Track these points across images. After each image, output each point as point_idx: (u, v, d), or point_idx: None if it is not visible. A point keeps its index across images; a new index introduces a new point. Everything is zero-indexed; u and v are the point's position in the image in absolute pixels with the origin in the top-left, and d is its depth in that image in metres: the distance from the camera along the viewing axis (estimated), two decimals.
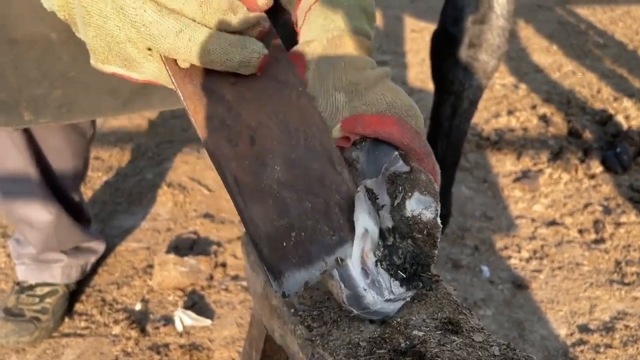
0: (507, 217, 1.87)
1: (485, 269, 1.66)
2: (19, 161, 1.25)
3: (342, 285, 0.51)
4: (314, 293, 0.58)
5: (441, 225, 0.52)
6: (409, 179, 0.52)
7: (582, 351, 1.41)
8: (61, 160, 1.32)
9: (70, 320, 1.46)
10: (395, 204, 0.52)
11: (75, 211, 1.43)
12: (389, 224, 0.53)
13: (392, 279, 0.52)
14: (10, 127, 1.22)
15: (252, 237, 0.47)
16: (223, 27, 0.47)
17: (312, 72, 0.58)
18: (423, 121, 0.58)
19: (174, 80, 0.47)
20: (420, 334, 0.51)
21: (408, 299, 0.54)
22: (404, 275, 0.52)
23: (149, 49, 0.47)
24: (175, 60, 0.48)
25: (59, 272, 1.44)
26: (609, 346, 1.43)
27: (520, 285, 1.61)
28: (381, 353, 0.49)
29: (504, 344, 0.51)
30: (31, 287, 1.44)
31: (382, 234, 0.52)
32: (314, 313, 0.55)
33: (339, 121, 0.56)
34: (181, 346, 1.38)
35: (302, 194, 0.51)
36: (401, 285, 0.52)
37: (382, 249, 0.52)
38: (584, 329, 1.48)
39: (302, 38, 0.63)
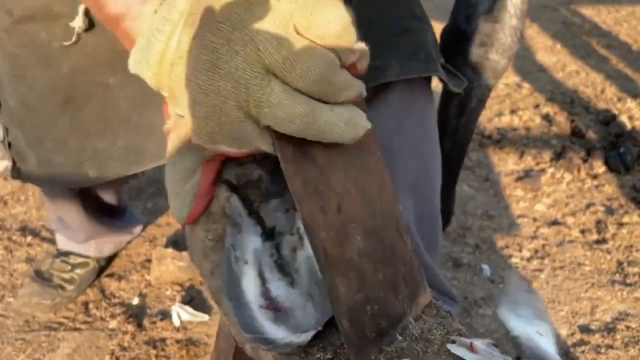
0: (509, 216, 1.86)
1: (486, 267, 1.65)
2: None
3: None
4: None
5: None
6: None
7: (583, 352, 1.40)
8: None
9: (66, 313, 1.45)
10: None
11: (104, 207, 1.46)
12: None
13: None
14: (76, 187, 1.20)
15: (336, 312, 0.46)
16: (340, 102, 0.45)
17: None
18: None
19: (277, 146, 0.46)
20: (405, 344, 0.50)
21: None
22: None
23: (267, 127, 0.44)
24: None
25: (93, 246, 1.49)
26: (610, 347, 1.41)
27: None
28: None
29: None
30: (67, 254, 1.49)
31: None
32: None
33: None
34: (178, 341, 1.37)
35: (377, 265, 0.50)
36: None
37: None
38: (585, 329, 1.47)
39: None
